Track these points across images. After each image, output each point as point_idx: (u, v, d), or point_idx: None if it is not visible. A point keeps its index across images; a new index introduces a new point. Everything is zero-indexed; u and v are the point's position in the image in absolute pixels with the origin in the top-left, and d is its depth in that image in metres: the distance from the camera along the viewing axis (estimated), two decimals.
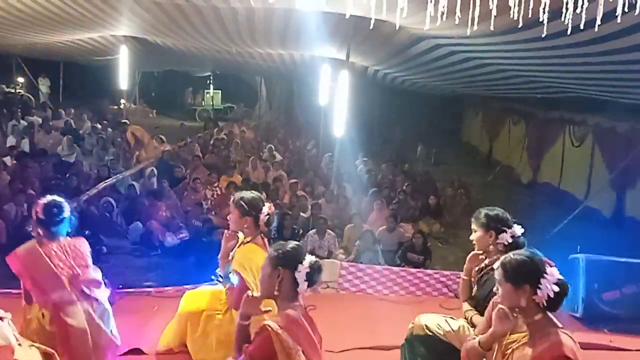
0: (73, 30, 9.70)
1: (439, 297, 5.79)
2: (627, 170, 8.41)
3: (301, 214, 8.41)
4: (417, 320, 3.58)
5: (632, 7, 3.09)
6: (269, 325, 2.44)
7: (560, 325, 2.52)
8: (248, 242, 3.63)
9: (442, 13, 3.23)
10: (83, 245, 3.71)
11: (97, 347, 3.52)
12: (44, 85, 20.03)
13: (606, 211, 9.10)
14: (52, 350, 3.06)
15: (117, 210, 8.20)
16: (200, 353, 3.81)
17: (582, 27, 3.12)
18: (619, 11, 3.02)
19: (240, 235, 3.71)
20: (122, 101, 16.96)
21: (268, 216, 3.60)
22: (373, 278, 5.94)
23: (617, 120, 8.80)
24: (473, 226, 3.52)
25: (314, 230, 7.49)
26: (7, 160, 9.48)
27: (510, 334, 2.66)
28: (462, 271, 3.62)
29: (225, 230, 3.79)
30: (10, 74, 17.54)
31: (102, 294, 3.69)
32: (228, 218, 3.74)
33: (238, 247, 3.68)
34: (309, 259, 2.59)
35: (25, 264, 3.43)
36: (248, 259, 3.49)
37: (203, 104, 24.77)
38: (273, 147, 13.23)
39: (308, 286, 2.57)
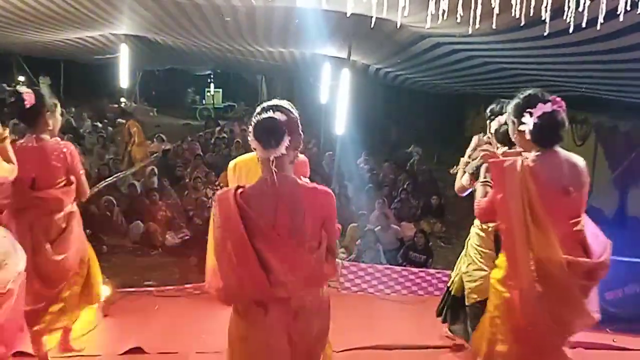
0: (73, 29, 9.67)
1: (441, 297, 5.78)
2: (630, 169, 8.39)
3: None
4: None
5: (634, 5, 3.07)
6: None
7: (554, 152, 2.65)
8: None
9: (444, 11, 3.22)
10: (58, 151, 3.54)
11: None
12: (44, 84, 20.00)
13: (608, 210, 9.07)
14: None
15: (117, 209, 8.19)
16: None
17: (584, 25, 3.10)
18: (620, 10, 3.01)
19: None
20: (123, 100, 16.93)
21: None
22: (375, 277, 5.93)
23: (619, 119, 8.77)
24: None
25: None
26: None
27: None
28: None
29: None
30: (10, 72, 17.50)
31: (60, 207, 3.55)
32: None
33: None
34: (260, 115, 2.35)
35: None
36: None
37: (204, 102, 24.76)
38: None
39: (262, 147, 2.30)
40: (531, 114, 2.57)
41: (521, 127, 2.61)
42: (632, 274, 5.44)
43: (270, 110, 2.34)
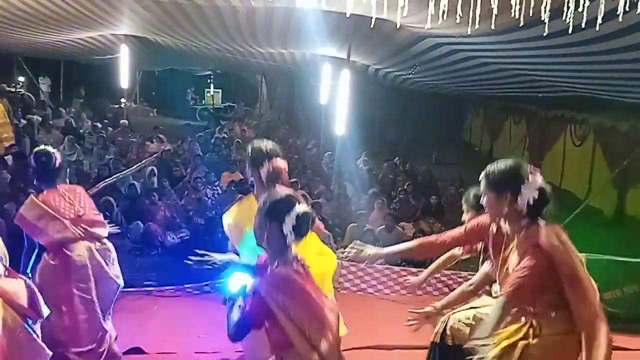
0: (74, 30, 9.69)
1: (440, 297, 5.76)
2: (628, 169, 8.39)
3: None
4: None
5: (634, 6, 3.08)
6: (260, 292, 2.36)
7: (542, 224, 2.58)
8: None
9: (443, 12, 3.22)
10: (81, 190, 3.94)
11: (98, 284, 3.68)
12: (44, 85, 20.02)
13: (607, 210, 9.09)
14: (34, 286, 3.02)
15: (117, 210, 8.19)
16: None
17: (583, 25, 3.11)
18: (620, 10, 3.01)
19: None
20: (123, 100, 16.95)
21: (268, 172, 3.32)
22: (374, 277, 5.94)
23: (618, 120, 8.78)
24: (464, 207, 3.49)
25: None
26: (8, 159, 9.47)
27: (497, 256, 2.80)
28: (463, 270, 3.64)
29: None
30: (10, 73, 17.52)
31: (105, 233, 3.89)
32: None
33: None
34: (296, 210, 2.43)
35: (26, 216, 3.68)
36: (242, 216, 3.41)
37: (204, 103, 24.74)
38: None
39: (296, 237, 2.43)
40: (527, 187, 2.54)
41: (519, 200, 2.54)
42: (631, 273, 5.44)
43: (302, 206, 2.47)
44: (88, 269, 3.63)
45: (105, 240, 3.92)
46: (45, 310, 2.79)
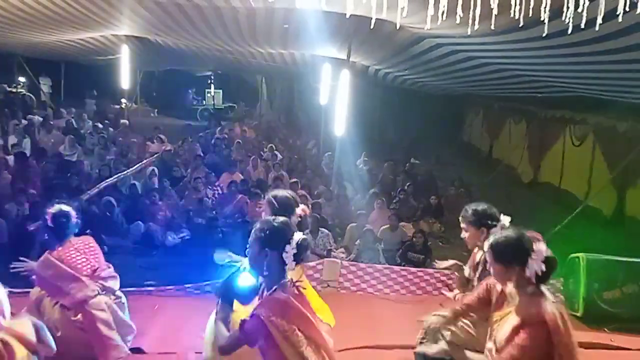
0: (74, 30, 9.70)
1: (439, 297, 5.78)
2: (628, 169, 8.41)
3: None
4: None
5: (633, 6, 3.09)
6: (261, 315, 2.40)
7: (549, 297, 2.67)
8: None
9: (443, 12, 3.23)
10: (92, 242, 4.02)
11: (119, 331, 3.90)
12: (45, 85, 20.03)
13: (607, 210, 9.09)
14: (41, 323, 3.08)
15: (118, 210, 8.20)
16: None
17: (583, 26, 3.12)
18: (619, 10, 3.02)
19: None
20: (124, 101, 16.96)
21: (299, 219, 3.50)
22: (374, 277, 5.95)
23: (617, 120, 8.79)
24: (462, 225, 3.56)
25: (307, 231, 7.42)
26: (9, 159, 9.49)
27: (495, 312, 2.87)
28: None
29: None
30: (11, 73, 17.52)
31: (117, 285, 4.04)
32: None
33: None
34: (295, 238, 2.51)
35: (44, 276, 3.74)
36: None
37: (204, 103, 24.76)
38: (274, 146, 13.24)
39: (296, 263, 2.51)
40: (534, 259, 2.62)
41: (528, 272, 2.62)
42: (630, 273, 5.45)
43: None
44: (112, 322, 3.81)
45: (119, 292, 4.06)
46: (54, 345, 2.86)
